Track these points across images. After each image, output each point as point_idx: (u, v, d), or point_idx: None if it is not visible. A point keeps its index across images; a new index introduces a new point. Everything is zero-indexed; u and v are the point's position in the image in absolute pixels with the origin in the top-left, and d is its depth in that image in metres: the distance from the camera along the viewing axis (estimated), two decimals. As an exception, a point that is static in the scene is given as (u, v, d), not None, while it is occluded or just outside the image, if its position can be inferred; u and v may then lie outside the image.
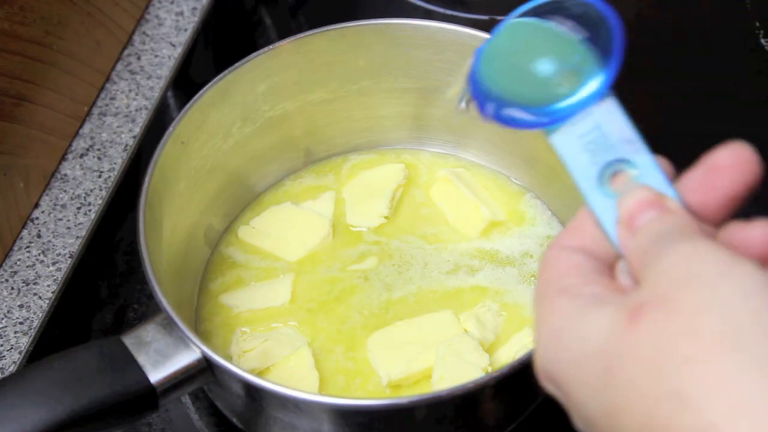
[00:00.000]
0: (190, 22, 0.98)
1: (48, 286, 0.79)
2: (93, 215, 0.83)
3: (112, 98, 0.92)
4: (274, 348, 0.67)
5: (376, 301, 0.71)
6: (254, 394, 0.59)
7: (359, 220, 0.75)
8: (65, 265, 0.80)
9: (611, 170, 0.42)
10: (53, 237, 0.82)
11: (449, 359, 0.64)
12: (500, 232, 0.74)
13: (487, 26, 0.71)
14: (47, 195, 0.85)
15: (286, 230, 0.75)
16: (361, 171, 0.79)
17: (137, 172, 0.83)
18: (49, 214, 0.84)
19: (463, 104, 0.46)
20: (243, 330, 0.69)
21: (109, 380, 0.55)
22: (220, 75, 0.70)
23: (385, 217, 0.75)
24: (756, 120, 0.84)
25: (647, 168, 0.41)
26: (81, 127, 0.89)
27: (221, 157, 0.73)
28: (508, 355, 0.66)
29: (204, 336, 0.70)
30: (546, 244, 0.73)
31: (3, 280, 0.79)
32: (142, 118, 0.90)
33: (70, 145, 0.88)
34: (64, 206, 0.84)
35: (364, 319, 0.70)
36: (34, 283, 0.79)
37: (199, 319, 0.71)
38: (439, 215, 0.76)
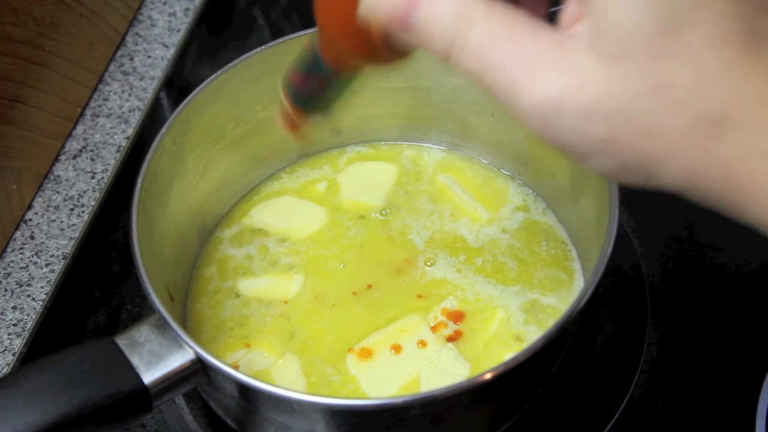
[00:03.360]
0: (183, 22, 0.97)
1: (41, 287, 0.79)
2: (86, 216, 0.83)
3: (105, 99, 0.92)
4: (258, 357, 0.68)
5: (373, 293, 0.71)
6: (248, 394, 0.59)
7: (355, 209, 0.76)
8: (58, 266, 0.80)
9: None
10: (46, 238, 0.82)
11: (433, 377, 0.65)
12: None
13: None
14: (40, 196, 0.85)
15: (282, 219, 0.76)
16: (358, 162, 0.80)
17: (130, 174, 0.82)
18: (43, 215, 0.83)
19: None
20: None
21: (103, 381, 0.55)
22: (213, 75, 0.70)
23: (381, 210, 0.76)
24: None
25: None
26: (74, 128, 0.89)
27: (214, 157, 0.73)
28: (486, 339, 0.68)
29: (194, 332, 0.70)
30: (544, 229, 0.74)
31: (-4, 281, 0.79)
32: (135, 119, 0.90)
33: (63, 147, 0.88)
34: (57, 207, 0.84)
35: (358, 307, 0.70)
36: (28, 285, 0.79)
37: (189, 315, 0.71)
38: (435, 209, 0.76)
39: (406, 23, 0.43)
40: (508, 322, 0.69)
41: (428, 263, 0.72)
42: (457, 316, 0.69)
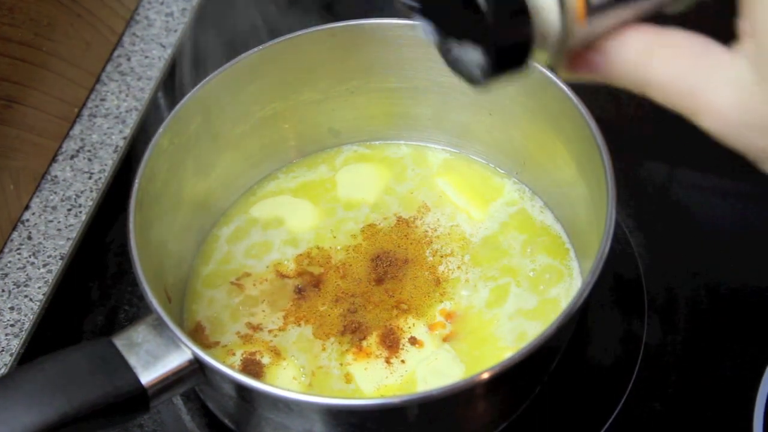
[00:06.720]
0: (180, 22, 0.97)
1: (39, 288, 0.79)
2: (83, 217, 0.83)
3: (102, 99, 0.91)
4: (255, 357, 0.67)
5: (370, 293, 0.71)
6: (246, 394, 0.59)
7: (352, 208, 0.76)
8: (56, 267, 0.80)
9: None
10: (44, 239, 0.82)
11: (431, 379, 0.65)
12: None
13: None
14: (37, 197, 0.85)
15: (280, 218, 0.76)
16: (355, 162, 0.80)
17: (127, 174, 0.82)
18: (40, 215, 0.83)
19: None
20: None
21: (100, 382, 0.55)
22: (210, 75, 0.70)
23: (378, 209, 0.76)
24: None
25: None
26: (71, 128, 0.89)
27: (212, 157, 0.73)
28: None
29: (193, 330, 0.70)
30: (540, 228, 0.74)
31: (-7, 282, 0.79)
32: (132, 120, 0.90)
33: (60, 147, 0.88)
34: (54, 208, 0.84)
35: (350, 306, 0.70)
36: (25, 285, 0.79)
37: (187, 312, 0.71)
38: (432, 209, 0.76)
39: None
40: (505, 322, 0.69)
41: (425, 263, 0.72)
42: (454, 316, 0.69)
